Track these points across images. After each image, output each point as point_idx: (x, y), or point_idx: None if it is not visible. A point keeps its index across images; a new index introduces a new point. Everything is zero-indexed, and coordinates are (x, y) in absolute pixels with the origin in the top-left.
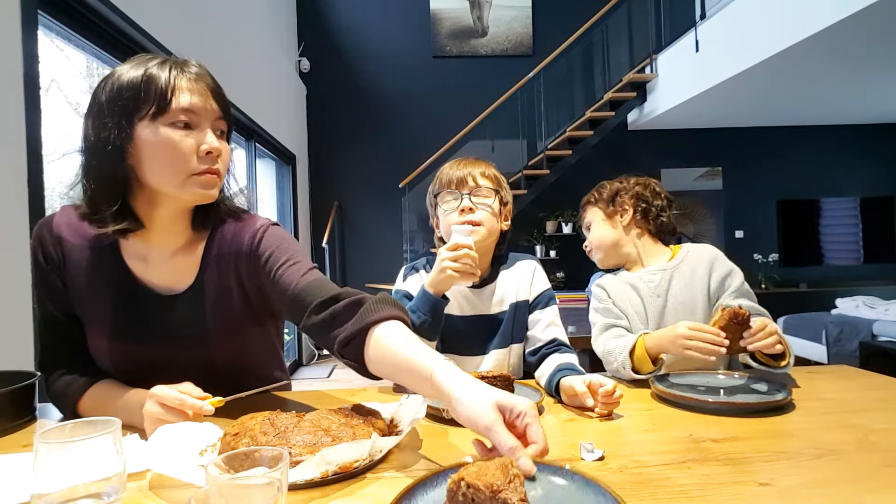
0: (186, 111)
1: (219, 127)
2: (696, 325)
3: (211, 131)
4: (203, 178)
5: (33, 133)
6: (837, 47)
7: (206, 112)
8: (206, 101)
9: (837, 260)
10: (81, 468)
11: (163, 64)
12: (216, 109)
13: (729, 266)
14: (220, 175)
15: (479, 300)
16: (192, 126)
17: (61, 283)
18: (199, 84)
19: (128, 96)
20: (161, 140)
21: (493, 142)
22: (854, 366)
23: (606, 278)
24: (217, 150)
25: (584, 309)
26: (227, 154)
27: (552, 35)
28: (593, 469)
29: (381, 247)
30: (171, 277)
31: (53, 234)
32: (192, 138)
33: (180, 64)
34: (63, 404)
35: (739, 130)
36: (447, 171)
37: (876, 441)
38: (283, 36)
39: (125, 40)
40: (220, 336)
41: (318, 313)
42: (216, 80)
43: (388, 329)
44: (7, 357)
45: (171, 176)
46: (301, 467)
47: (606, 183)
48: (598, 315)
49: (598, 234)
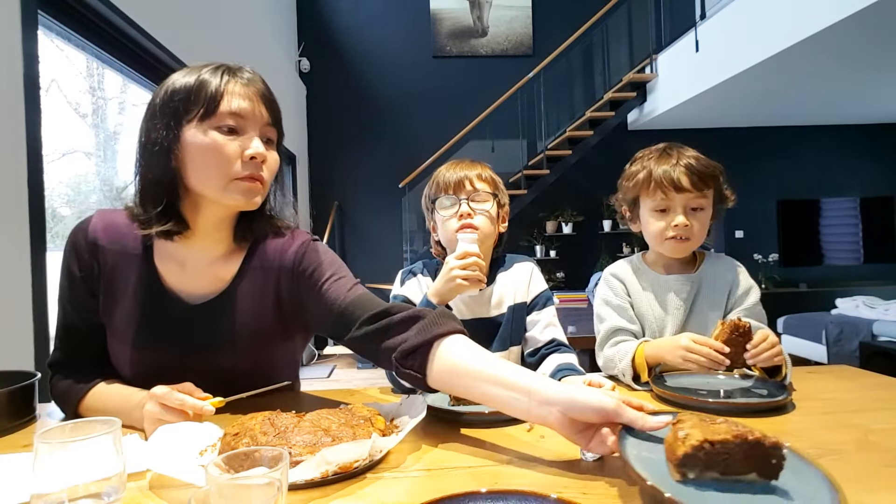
0: (234, 115)
1: (267, 134)
2: (700, 339)
3: (258, 137)
4: (245, 185)
5: (33, 133)
6: (837, 47)
7: (254, 117)
8: (254, 106)
9: (837, 260)
10: (81, 468)
11: (216, 69)
12: (265, 116)
13: (749, 283)
14: (264, 182)
15: (477, 304)
16: (239, 131)
17: (90, 293)
18: (249, 89)
19: (178, 99)
20: (206, 142)
21: (493, 142)
22: (854, 366)
23: (625, 271)
24: (262, 155)
25: (584, 309)
26: (273, 162)
27: (552, 35)
28: (593, 469)
29: (381, 247)
30: (205, 284)
31: (88, 239)
32: (238, 143)
33: (233, 70)
34: (65, 404)
35: (739, 130)
36: (443, 174)
37: (876, 441)
38: (283, 36)
39: (125, 40)
40: (247, 346)
41: (369, 324)
42: (269, 87)
43: (457, 343)
44: (7, 357)
45: (214, 179)
46: (301, 467)
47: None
48: (609, 309)
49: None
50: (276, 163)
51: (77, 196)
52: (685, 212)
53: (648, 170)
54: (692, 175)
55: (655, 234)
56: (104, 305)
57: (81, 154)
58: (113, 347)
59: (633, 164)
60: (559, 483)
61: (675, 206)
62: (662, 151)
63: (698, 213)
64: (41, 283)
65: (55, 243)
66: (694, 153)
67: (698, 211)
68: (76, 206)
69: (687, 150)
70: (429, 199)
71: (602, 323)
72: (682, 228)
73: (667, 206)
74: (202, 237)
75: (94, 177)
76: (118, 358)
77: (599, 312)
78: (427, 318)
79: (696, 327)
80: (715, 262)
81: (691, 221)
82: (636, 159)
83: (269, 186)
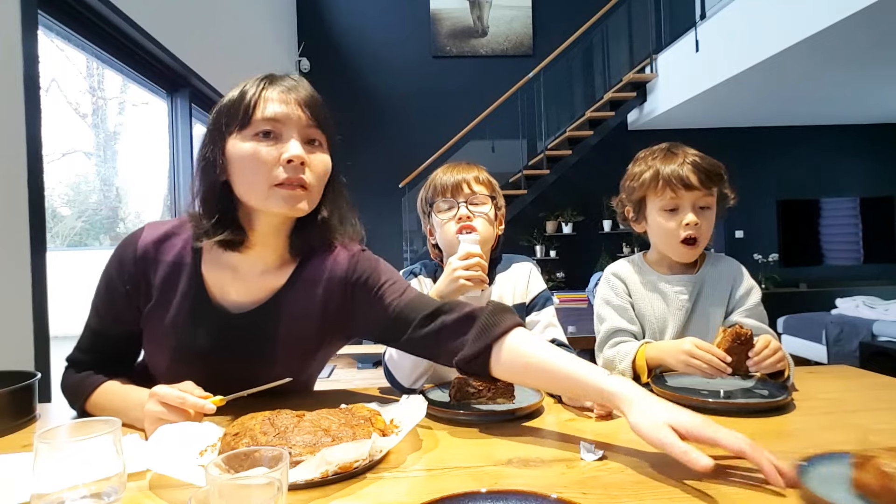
0: (269, 121)
1: (309, 136)
2: (703, 345)
3: (297, 140)
4: (285, 191)
5: (33, 133)
6: (837, 47)
7: (291, 121)
8: (291, 109)
9: (837, 260)
10: (81, 468)
11: (258, 80)
12: (304, 118)
13: (750, 283)
14: (309, 187)
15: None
16: (277, 136)
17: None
18: (287, 94)
19: (223, 113)
20: (244, 150)
21: (493, 142)
22: (854, 366)
23: (627, 271)
24: (299, 157)
25: (584, 309)
26: (320, 165)
27: (552, 35)
28: (593, 469)
29: (380, 247)
30: (252, 293)
31: (138, 254)
32: (275, 148)
33: (275, 77)
34: (73, 398)
35: (739, 130)
36: (440, 177)
37: (876, 441)
38: (283, 36)
39: (125, 40)
40: (286, 356)
41: (423, 326)
42: (312, 90)
43: (516, 340)
44: (7, 357)
45: (256, 187)
46: (301, 467)
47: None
48: (609, 309)
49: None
50: (325, 165)
51: (77, 196)
52: (694, 210)
53: (655, 169)
54: (700, 173)
55: (666, 234)
56: (149, 314)
57: (81, 154)
58: (151, 354)
59: (636, 164)
60: (559, 483)
61: (684, 205)
62: (667, 151)
63: (706, 212)
64: (41, 283)
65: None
66: (697, 152)
67: (706, 210)
68: (76, 206)
69: (689, 149)
70: (425, 203)
71: (602, 323)
72: (694, 227)
73: (676, 204)
74: (258, 246)
75: (94, 177)
76: (156, 364)
77: (600, 312)
78: (481, 319)
79: (698, 328)
80: (716, 263)
81: (700, 220)
82: (639, 159)
83: (318, 192)
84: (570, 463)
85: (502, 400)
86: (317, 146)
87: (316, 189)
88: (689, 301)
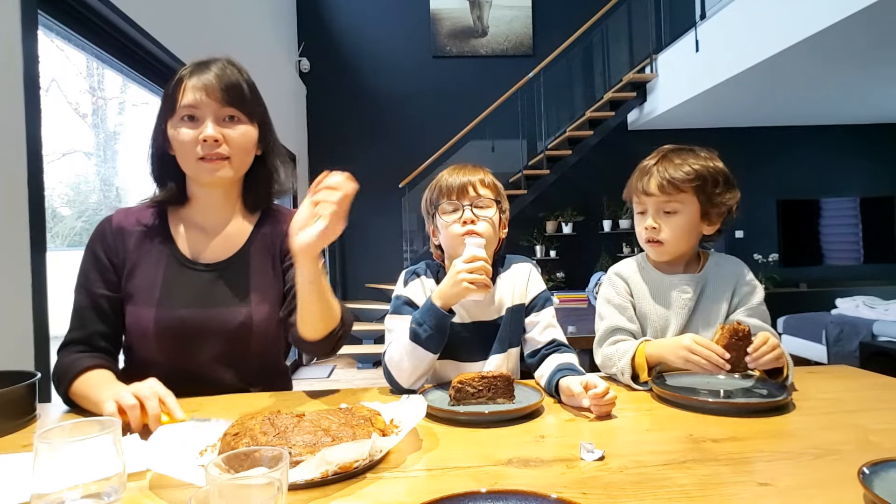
0: (188, 107)
1: (226, 114)
2: (702, 342)
3: (213, 121)
4: (206, 165)
5: (33, 133)
6: (837, 47)
7: (204, 104)
8: (205, 95)
9: (837, 260)
10: (81, 468)
11: (187, 68)
12: (220, 98)
13: (753, 283)
14: (229, 158)
15: (477, 307)
16: (198, 119)
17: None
18: (203, 79)
19: (163, 98)
20: (174, 135)
21: (493, 142)
22: (854, 366)
23: (630, 270)
24: (211, 136)
25: (584, 309)
26: (239, 136)
27: (552, 35)
28: (593, 469)
29: (381, 247)
30: (220, 248)
31: (114, 227)
32: (195, 130)
33: (200, 65)
34: (60, 381)
35: (739, 130)
36: (445, 178)
37: (876, 441)
38: (283, 36)
39: (125, 40)
40: (260, 301)
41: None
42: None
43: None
44: (7, 357)
45: (185, 164)
46: (301, 467)
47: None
48: (610, 308)
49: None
50: (244, 136)
51: (77, 196)
52: (658, 214)
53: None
54: (662, 180)
55: (639, 235)
56: (127, 277)
57: (81, 154)
58: (135, 314)
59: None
60: (559, 483)
61: (649, 209)
62: (665, 154)
63: (671, 217)
64: (41, 283)
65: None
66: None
67: (672, 214)
68: (76, 206)
69: (685, 154)
70: (430, 204)
71: (602, 321)
72: (651, 230)
73: (643, 208)
74: (213, 206)
75: (94, 177)
76: (141, 322)
77: (600, 311)
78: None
79: (700, 327)
80: (720, 262)
81: (660, 224)
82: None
83: (241, 158)
84: (570, 463)
85: (502, 400)
86: (235, 121)
87: (238, 156)
88: (692, 300)
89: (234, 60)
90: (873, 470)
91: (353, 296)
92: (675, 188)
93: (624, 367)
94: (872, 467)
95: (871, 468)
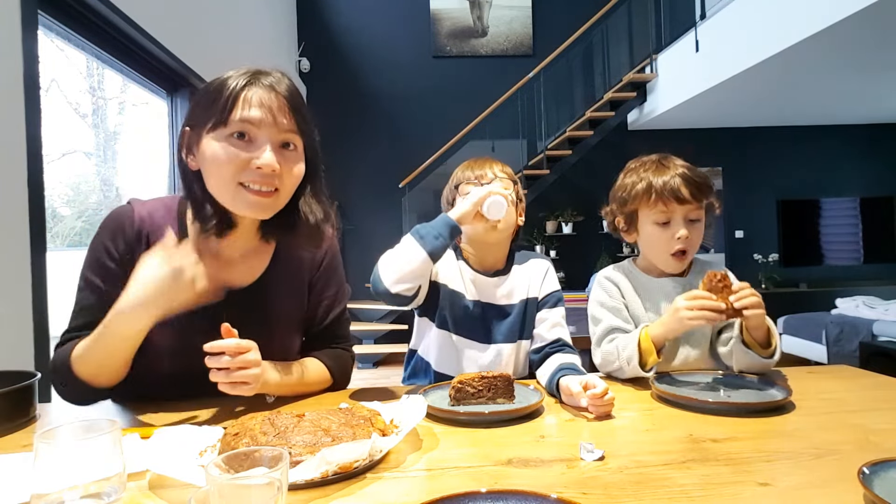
0: (245, 122)
1: (285, 140)
2: (692, 295)
3: (271, 146)
4: (252, 198)
5: (33, 133)
6: (837, 47)
7: (266, 125)
8: (269, 112)
9: (837, 260)
10: (81, 468)
11: (242, 75)
12: (281, 122)
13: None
14: (277, 195)
15: (490, 288)
16: (252, 139)
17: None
18: (268, 95)
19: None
20: (215, 150)
21: (493, 142)
22: (854, 366)
23: (618, 275)
24: (270, 166)
25: (584, 309)
26: (293, 172)
27: (552, 35)
28: (593, 469)
29: (381, 247)
30: (238, 274)
31: (135, 227)
32: (247, 151)
33: (259, 74)
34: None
35: (739, 130)
36: (463, 170)
37: (876, 441)
38: (283, 36)
39: (125, 40)
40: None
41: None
42: (294, 91)
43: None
44: (7, 357)
45: (223, 187)
46: (301, 467)
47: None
48: (604, 311)
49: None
50: (298, 171)
51: (77, 196)
52: (686, 223)
53: (648, 181)
54: (691, 186)
55: (658, 246)
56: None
57: (81, 154)
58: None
59: (627, 175)
60: (559, 483)
61: (676, 218)
62: (658, 163)
63: (696, 224)
64: (41, 283)
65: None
66: (686, 164)
67: (696, 222)
68: (76, 206)
69: (678, 160)
70: (450, 191)
71: (598, 324)
72: (685, 241)
73: (668, 218)
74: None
75: (94, 177)
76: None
77: (594, 314)
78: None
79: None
80: (704, 266)
81: (690, 233)
82: (629, 170)
83: (287, 195)
84: (570, 463)
85: (502, 400)
86: (291, 150)
87: (285, 193)
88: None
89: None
90: (873, 470)
91: (353, 296)
92: (702, 193)
93: (630, 355)
94: (872, 467)
95: (871, 468)
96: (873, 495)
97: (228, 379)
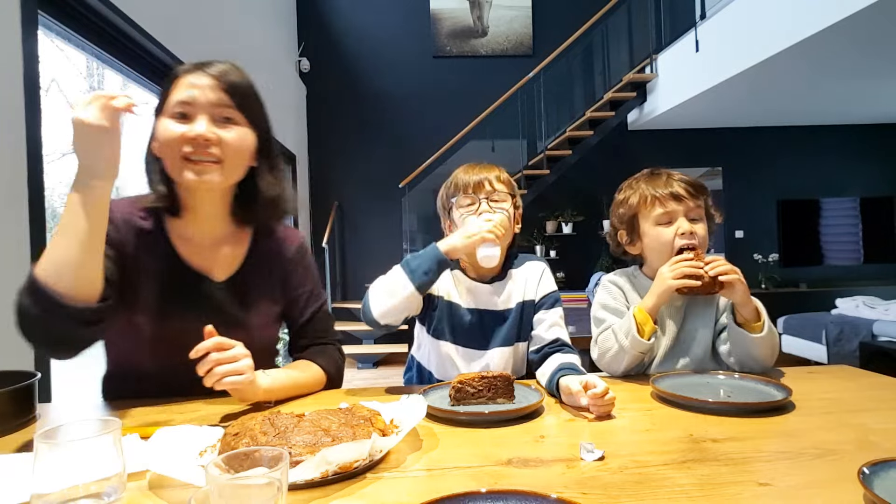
0: (182, 103)
1: (222, 114)
2: (671, 261)
3: (207, 119)
4: (195, 165)
5: (33, 133)
6: (837, 48)
7: (200, 103)
8: (202, 92)
9: (837, 260)
10: (81, 468)
11: (187, 66)
12: (217, 98)
13: None
14: (220, 160)
15: (487, 296)
16: (190, 117)
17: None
18: (202, 78)
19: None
20: (159, 129)
21: (493, 142)
22: (854, 366)
23: (622, 279)
24: (201, 135)
25: (584, 309)
26: (233, 141)
27: (552, 35)
28: (593, 469)
29: (381, 247)
30: (213, 264)
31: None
32: (186, 127)
33: (201, 64)
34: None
35: (739, 130)
36: (462, 175)
37: (876, 441)
38: (283, 36)
39: (125, 40)
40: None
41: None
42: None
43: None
44: (7, 357)
45: (168, 160)
46: (301, 467)
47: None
48: (607, 313)
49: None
50: (238, 140)
51: None
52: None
53: (643, 190)
54: (686, 184)
55: (663, 244)
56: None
57: None
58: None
59: (622, 192)
60: (559, 483)
61: (677, 216)
62: (649, 174)
63: (698, 224)
64: None
65: None
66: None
67: (698, 221)
68: None
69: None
70: (446, 199)
71: (600, 325)
72: (689, 235)
73: (670, 217)
74: (202, 216)
75: None
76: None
77: (597, 315)
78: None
79: (690, 334)
80: None
81: (695, 228)
82: (623, 188)
83: (232, 163)
84: (570, 463)
85: (502, 400)
86: (232, 122)
87: (231, 160)
88: (682, 308)
89: (238, 65)
90: (873, 470)
91: (353, 296)
92: (699, 192)
93: (628, 328)
94: (872, 467)
95: (871, 468)
96: (873, 495)
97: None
